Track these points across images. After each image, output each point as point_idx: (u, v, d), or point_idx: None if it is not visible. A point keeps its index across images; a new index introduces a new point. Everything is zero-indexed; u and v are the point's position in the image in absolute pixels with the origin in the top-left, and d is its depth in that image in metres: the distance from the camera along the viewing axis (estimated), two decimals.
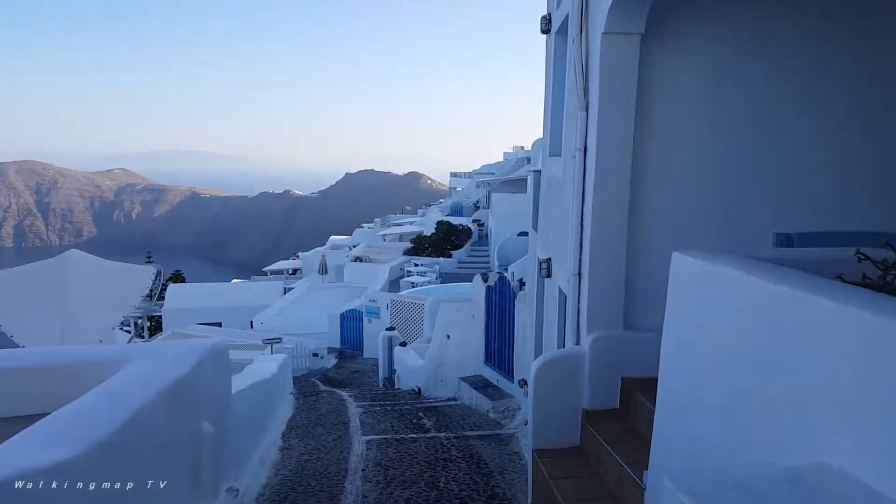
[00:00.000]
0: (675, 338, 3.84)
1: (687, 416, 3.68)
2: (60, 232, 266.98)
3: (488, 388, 11.37)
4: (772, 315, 2.74)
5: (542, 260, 7.57)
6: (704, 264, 3.53)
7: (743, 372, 2.95)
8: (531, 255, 10.02)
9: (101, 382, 4.25)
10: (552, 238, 7.44)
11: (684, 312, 3.75)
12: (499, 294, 11.45)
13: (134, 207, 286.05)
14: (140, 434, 3.87)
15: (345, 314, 25.45)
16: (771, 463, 2.66)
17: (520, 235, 37.94)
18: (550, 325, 7.46)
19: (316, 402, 12.67)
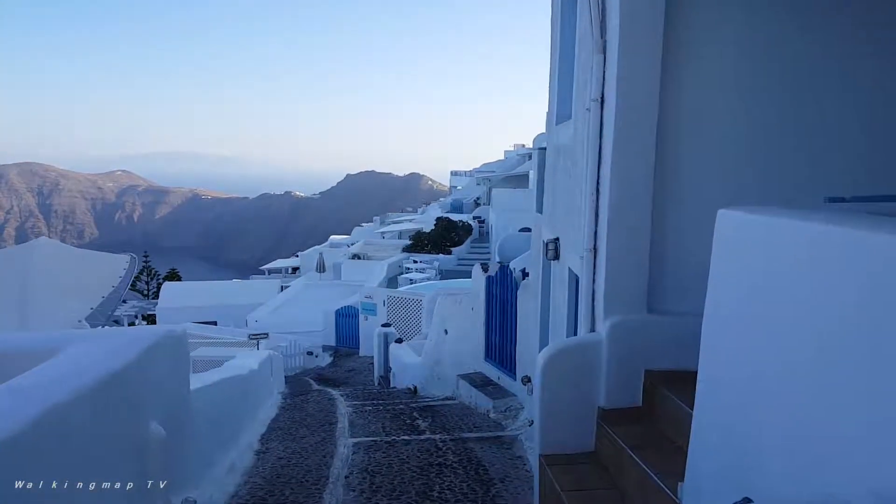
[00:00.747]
0: (720, 316, 3.00)
1: (736, 415, 2.83)
2: (62, 234, 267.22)
3: (488, 386, 10.50)
4: (872, 276, 1.88)
5: (549, 240, 6.70)
6: (769, 219, 2.67)
7: (823, 355, 2.10)
8: (535, 242, 9.16)
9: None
10: (560, 215, 6.58)
11: (734, 284, 2.91)
12: (500, 284, 10.58)
13: (135, 209, 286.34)
14: (52, 440, 3.00)
15: (340, 311, 24.56)
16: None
17: (521, 231, 37.08)
18: (559, 313, 6.60)
19: (304, 401, 11.81)
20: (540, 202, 9.15)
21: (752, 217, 2.90)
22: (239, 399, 7.66)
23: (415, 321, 21.22)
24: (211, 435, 6.23)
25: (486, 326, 11.13)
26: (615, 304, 4.82)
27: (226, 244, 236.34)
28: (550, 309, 7.26)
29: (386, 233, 54.49)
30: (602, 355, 4.83)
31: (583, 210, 5.07)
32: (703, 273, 4.90)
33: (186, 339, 5.25)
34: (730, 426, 2.87)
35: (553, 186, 7.18)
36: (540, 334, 8.34)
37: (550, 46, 7.16)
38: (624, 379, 4.84)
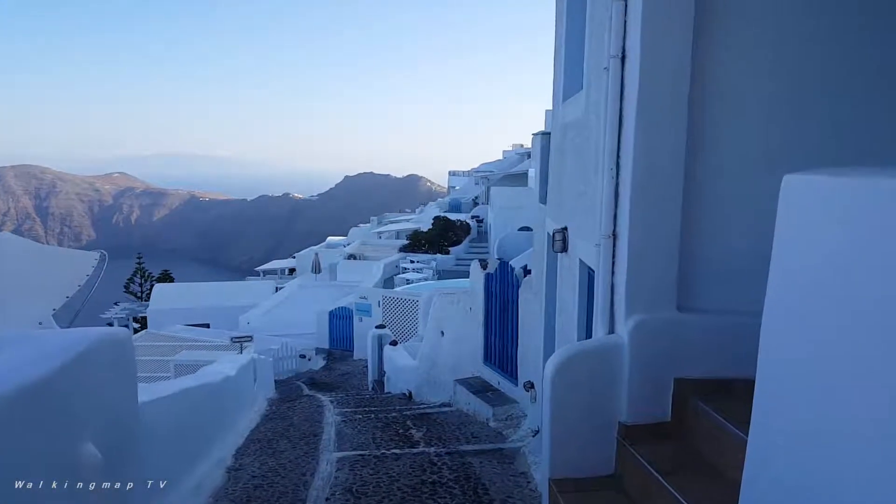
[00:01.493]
0: (788, 308, 2.24)
1: (813, 436, 2.06)
2: (59, 236, 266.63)
3: (488, 392, 9.72)
4: None
5: (556, 231, 5.92)
6: (863, 183, 1.92)
7: None
8: (538, 235, 8.38)
9: None
10: (569, 201, 5.80)
11: (808, 267, 2.13)
12: (500, 282, 9.80)
13: (133, 211, 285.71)
14: None
15: (334, 312, 23.73)
16: None
17: (521, 230, 36.35)
18: (567, 313, 5.81)
19: (291, 408, 11.02)
20: (543, 190, 8.36)
21: (835, 181, 2.13)
22: (210, 409, 6.86)
23: (411, 322, 20.43)
24: (173, 451, 5.45)
25: (486, 328, 10.35)
26: (639, 301, 4.03)
27: (224, 246, 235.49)
28: (557, 308, 6.48)
29: (383, 233, 53.65)
30: (623, 361, 4.05)
31: (599, 190, 4.29)
32: (746, 261, 4.10)
33: (131, 344, 4.47)
34: (802, 451, 2.11)
35: (560, 171, 6.39)
36: (544, 336, 7.56)
37: (556, 12, 6.38)
38: (650, 389, 4.06)
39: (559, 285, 6.38)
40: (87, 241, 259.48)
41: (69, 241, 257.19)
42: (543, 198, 8.36)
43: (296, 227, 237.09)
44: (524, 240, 33.95)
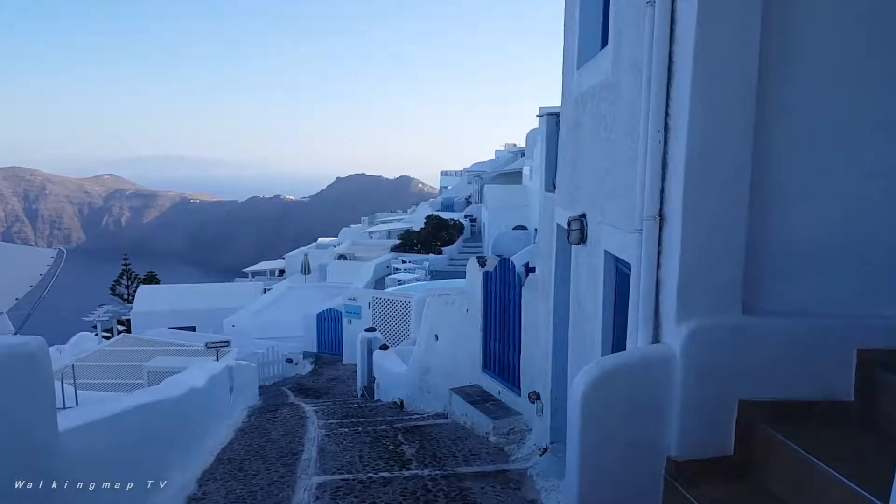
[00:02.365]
0: None
1: None
2: (49, 238, 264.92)
3: (488, 403, 8.80)
4: None
5: (571, 219, 5.01)
6: None
7: None
8: (544, 229, 7.47)
9: None
10: (588, 183, 4.89)
11: None
12: (500, 282, 8.88)
13: (123, 213, 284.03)
14: None
15: (322, 315, 22.72)
16: None
17: (515, 229, 35.52)
18: (587, 316, 4.89)
19: (271, 419, 10.07)
20: (551, 177, 7.45)
21: None
22: (168, 428, 5.91)
23: (403, 325, 19.51)
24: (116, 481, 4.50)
25: (484, 331, 9.42)
26: (695, 301, 3.13)
27: (215, 248, 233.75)
28: (572, 310, 5.56)
29: (374, 232, 52.62)
30: (674, 378, 3.15)
31: (638, 162, 3.38)
32: (833, 251, 3.22)
33: (47, 358, 3.54)
34: None
35: (574, 150, 5.48)
36: (553, 342, 6.65)
37: None
38: (707, 414, 3.16)
39: (574, 283, 5.47)
40: (76, 243, 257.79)
41: (59, 244, 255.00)
42: (550, 185, 7.46)
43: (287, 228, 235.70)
44: (520, 239, 33.11)
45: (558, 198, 6.35)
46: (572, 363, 5.52)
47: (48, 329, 29.18)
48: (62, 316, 41.53)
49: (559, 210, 6.32)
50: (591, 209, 4.78)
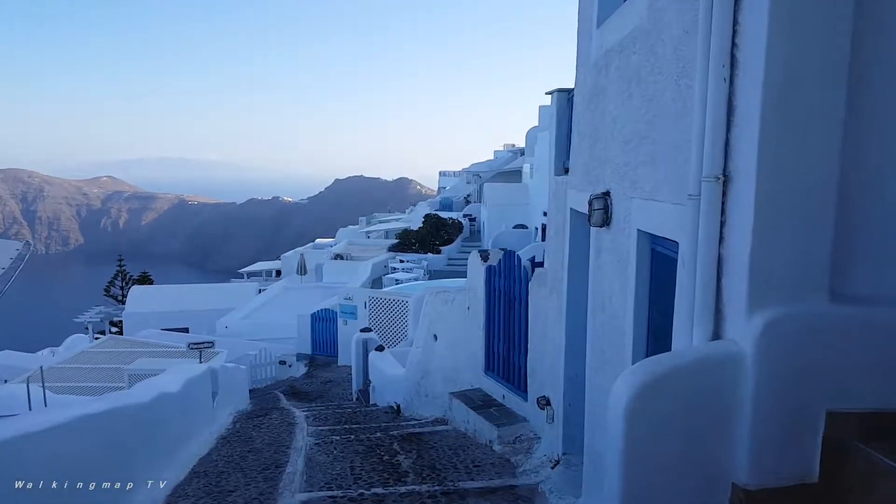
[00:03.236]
0: None
1: None
2: (47, 240, 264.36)
3: (491, 408, 8.09)
4: None
5: (594, 197, 4.31)
6: None
7: None
8: (554, 215, 6.76)
9: None
10: (615, 154, 4.19)
11: None
12: (504, 277, 8.18)
13: (121, 215, 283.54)
14: None
15: (316, 315, 21.94)
16: None
17: (516, 228, 34.78)
18: (612, 310, 4.19)
19: (258, 426, 9.38)
20: (561, 159, 6.77)
21: None
22: (129, 438, 5.20)
23: (400, 325, 18.78)
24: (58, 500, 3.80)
25: (487, 331, 8.72)
26: (772, 284, 2.43)
27: (213, 249, 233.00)
28: (591, 305, 4.85)
29: (371, 232, 51.80)
30: (744, 383, 2.44)
31: (695, 110, 2.67)
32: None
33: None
34: None
35: (595, 120, 4.78)
36: (566, 342, 5.95)
37: None
38: (786, 429, 2.46)
39: (594, 274, 4.76)
40: (75, 245, 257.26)
41: (57, 246, 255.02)
42: (561, 168, 6.77)
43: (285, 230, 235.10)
44: (520, 237, 32.37)
45: (573, 179, 5.65)
46: (592, 366, 4.82)
47: (43, 330, 28.64)
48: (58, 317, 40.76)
49: (574, 193, 5.62)
50: (618, 184, 4.08)
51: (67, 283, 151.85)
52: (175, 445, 6.57)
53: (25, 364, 17.81)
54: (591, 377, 4.85)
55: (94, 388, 12.67)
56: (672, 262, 3.12)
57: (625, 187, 3.90)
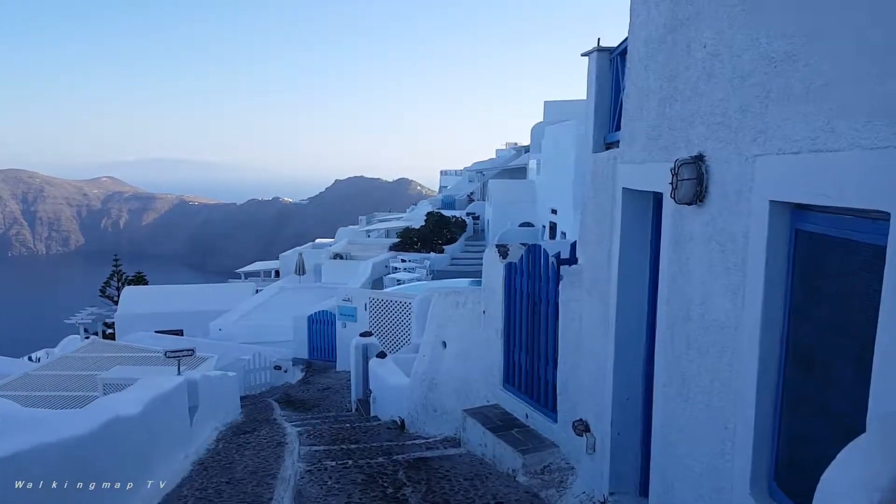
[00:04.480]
0: None
1: None
2: (47, 241, 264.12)
3: (513, 430, 6.89)
4: None
5: (682, 164, 3.13)
6: None
7: None
8: (591, 202, 5.57)
9: None
10: (715, 102, 2.99)
11: None
12: (527, 276, 6.97)
13: (121, 216, 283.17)
14: None
15: (314, 317, 20.70)
16: None
17: (521, 226, 33.58)
18: (717, 325, 2.99)
19: (243, 447, 8.19)
20: (604, 129, 5.59)
21: None
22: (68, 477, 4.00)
23: (403, 329, 17.58)
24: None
25: (506, 338, 7.51)
26: None
27: (213, 250, 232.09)
28: (664, 313, 3.66)
29: (371, 231, 50.52)
30: None
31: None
32: None
33: None
34: None
35: (669, 66, 3.60)
36: (617, 357, 4.75)
37: None
38: None
39: (672, 270, 3.57)
40: (75, 245, 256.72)
41: (57, 246, 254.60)
42: (602, 142, 5.59)
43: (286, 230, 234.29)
44: (526, 236, 31.20)
45: (626, 152, 4.46)
46: (666, 393, 3.63)
47: (42, 331, 27.78)
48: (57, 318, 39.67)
49: (628, 168, 4.44)
50: (721, 141, 2.89)
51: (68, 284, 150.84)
52: (134, 478, 5.37)
53: (9, 369, 16.74)
54: (664, 408, 3.67)
55: (68, 397, 11.53)
56: (844, 247, 1.95)
57: (739, 142, 2.72)
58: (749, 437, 2.63)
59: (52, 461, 3.83)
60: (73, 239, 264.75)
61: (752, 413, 2.59)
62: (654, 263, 4.55)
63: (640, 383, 4.75)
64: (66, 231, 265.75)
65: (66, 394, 11.61)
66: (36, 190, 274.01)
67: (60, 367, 14.35)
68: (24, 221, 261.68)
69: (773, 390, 2.55)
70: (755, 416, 2.58)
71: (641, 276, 4.54)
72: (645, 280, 4.58)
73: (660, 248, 4.07)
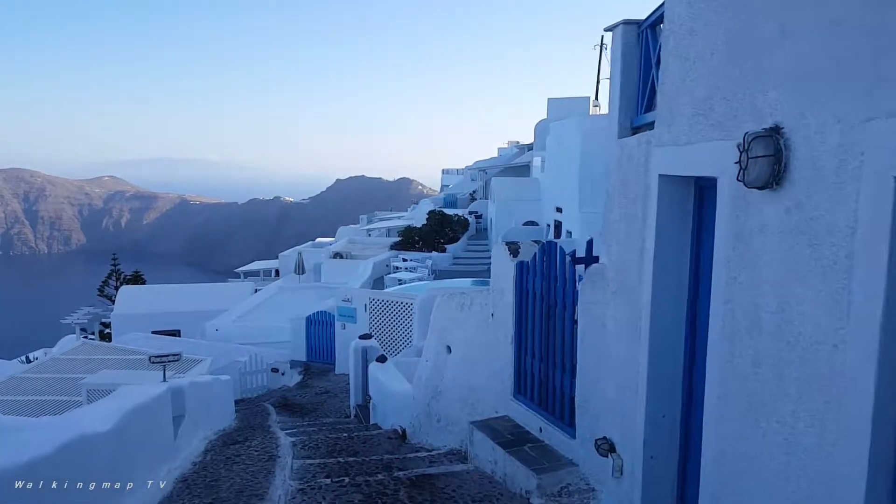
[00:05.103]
0: None
1: None
2: (49, 240, 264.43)
3: (525, 445, 6.27)
4: None
5: (753, 137, 2.53)
6: None
7: None
8: (623, 189, 4.96)
9: None
10: (802, 57, 2.37)
11: None
12: (541, 276, 6.36)
13: (123, 215, 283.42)
14: None
15: (312, 318, 20.06)
16: None
17: (526, 225, 32.93)
18: (804, 339, 2.38)
19: (232, 459, 7.57)
20: (630, 112, 4.97)
21: None
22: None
23: (404, 330, 16.97)
24: None
25: (518, 344, 6.90)
26: None
27: (215, 250, 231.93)
28: (719, 321, 3.05)
29: (372, 230, 49.84)
30: None
31: None
32: None
33: None
34: None
35: (732, 22, 2.98)
36: (650, 370, 4.14)
37: None
38: None
39: (732, 270, 2.96)
40: (77, 244, 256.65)
41: (59, 245, 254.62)
42: (628, 126, 4.97)
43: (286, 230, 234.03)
44: (530, 235, 30.53)
45: (663, 133, 3.86)
46: (721, 415, 3.02)
47: (42, 330, 27.43)
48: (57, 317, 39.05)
49: (666, 152, 3.83)
50: (806, 106, 2.28)
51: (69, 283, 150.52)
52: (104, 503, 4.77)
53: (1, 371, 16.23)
54: (719, 431, 3.06)
55: (51, 402, 10.94)
56: None
57: (838, 105, 2.10)
58: (860, 493, 2.02)
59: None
60: (75, 238, 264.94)
61: (864, 462, 1.99)
62: (696, 261, 3.95)
63: (678, 399, 4.14)
64: (68, 230, 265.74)
65: (49, 398, 11.03)
66: (38, 189, 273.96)
67: (48, 369, 13.75)
68: (25, 220, 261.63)
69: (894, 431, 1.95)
70: (868, 465, 1.98)
71: (680, 275, 3.94)
72: (684, 280, 3.99)
73: (702, 244, 3.47)
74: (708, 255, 3.82)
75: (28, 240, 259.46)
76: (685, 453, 4.18)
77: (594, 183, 22.81)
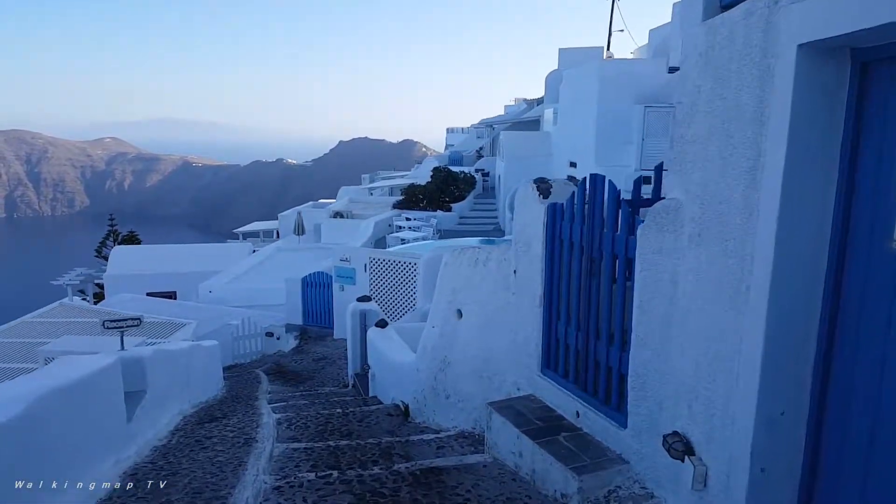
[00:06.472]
0: None
1: None
2: (52, 202, 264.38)
3: (560, 435, 4.96)
4: None
5: None
6: None
7: None
8: (708, 93, 3.58)
9: None
10: None
11: None
12: (581, 221, 5.00)
13: (126, 177, 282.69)
14: None
15: (308, 279, 18.74)
16: None
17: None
18: None
19: (199, 444, 6.30)
20: None
21: None
22: None
23: (408, 293, 15.67)
24: None
25: (548, 307, 5.54)
26: None
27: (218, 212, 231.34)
28: None
29: (375, 189, 48.32)
30: None
31: None
32: None
33: None
34: None
35: None
36: (765, 352, 2.79)
37: None
38: None
39: None
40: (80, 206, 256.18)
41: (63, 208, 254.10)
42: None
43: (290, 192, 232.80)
44: None
45: None
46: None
47: (42, 291, 26.07)
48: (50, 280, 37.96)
49: (812, 5, 2.44)
50: None
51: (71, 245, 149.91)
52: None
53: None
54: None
55: (7, 370, 9.72)
56: None
57: None
58: None
59: None
60: (79, 200, 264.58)
61: None
62: (849, 185, 2.59)
63: (806, 390, 2.81)
64: (71, 192, 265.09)
65: (5, 366, 9.80)
66: (40, 150, 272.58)
67: (14, 333, 12.51)
68: (28, 183, 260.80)
69: None
70: None
71: (824, 207, 2.58)
72: (828, 215, 2.63)
73: (860, 156, 2.12)
74: (870, 173, 2.46)
75: (32, 202, 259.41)
76: (812, 467, 2.87)
77: (612, 134, 21.30)
